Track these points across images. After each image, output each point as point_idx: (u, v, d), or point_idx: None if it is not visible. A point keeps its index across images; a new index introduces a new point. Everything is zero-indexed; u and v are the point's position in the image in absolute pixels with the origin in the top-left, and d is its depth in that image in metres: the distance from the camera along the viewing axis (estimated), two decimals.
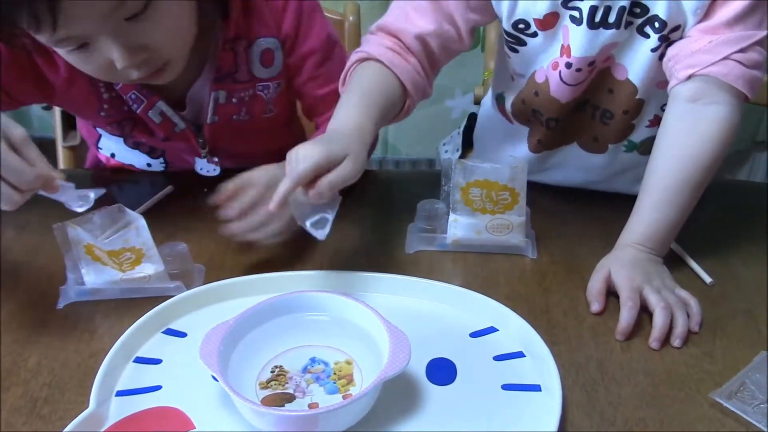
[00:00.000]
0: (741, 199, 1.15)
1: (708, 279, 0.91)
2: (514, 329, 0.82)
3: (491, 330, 0.83)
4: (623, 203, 0.95)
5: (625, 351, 0.81)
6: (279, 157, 1.22)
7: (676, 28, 0.93)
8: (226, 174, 1.16)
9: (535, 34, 1.00)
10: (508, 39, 1.03)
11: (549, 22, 0.97)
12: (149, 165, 1.20)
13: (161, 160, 1.19)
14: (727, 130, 0.89)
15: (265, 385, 0.73)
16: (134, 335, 0.80)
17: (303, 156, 0.79)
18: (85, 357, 0.79)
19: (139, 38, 0.88)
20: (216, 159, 1.16)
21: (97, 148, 1.22)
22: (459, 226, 0.95)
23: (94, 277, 0.86)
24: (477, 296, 0.85)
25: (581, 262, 0.94)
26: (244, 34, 1.04)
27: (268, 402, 0.71)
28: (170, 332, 0.83)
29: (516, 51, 1.04)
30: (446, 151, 1.45)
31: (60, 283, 0.88)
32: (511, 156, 0.97)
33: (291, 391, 0.73)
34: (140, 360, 0.79)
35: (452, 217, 0.95)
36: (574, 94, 1.01)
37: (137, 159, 1.19)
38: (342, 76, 1.00)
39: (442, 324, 0.84)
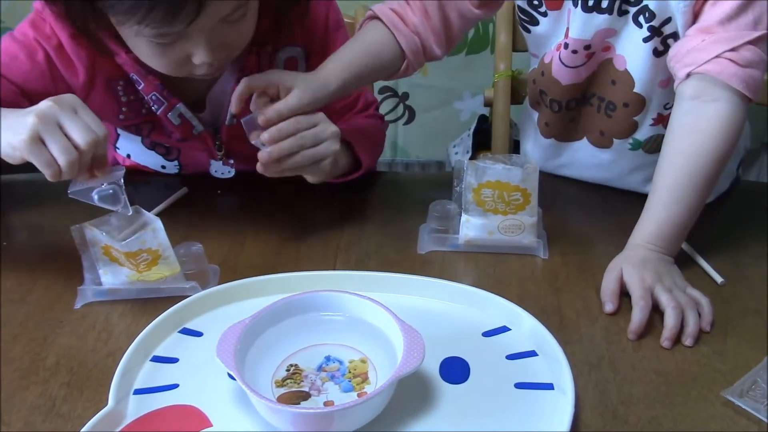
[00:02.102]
0: (751, 200, 1.15)
1: (719, 279, 0.92)
2: (527, 328, 0.82)
3: (504, 329, 0.83)
4: (634, 203, 0.95)
5: (636, 350, 0.81)
6: None
7: (667, 21, 0.95)
8: (240, 176, 1.18)
9: (545, 14, 1.04)
10: (522, 17, 1.08)
11: (557, 2, 1.01)
12: (163, 167, 1.21)
13: (176, 162, 1.20)
14: (730, 126, 0.90)
15: (281, 384, 0.74)
16: (151, 335, 0.81)
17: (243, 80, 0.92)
18: (103, 356, 0.80)
19: (224, 37, 0.91)
20: (231, 161, 1.17)
21: (115, 148, 1.24)
22: (471, 227, 0.96)
23: (111, 278, 0.88)
24: (489, 296, 0.86)
25: (593, 262, 0.95)
26: (271, 39, 1.05)
27: (283, 400, 0.72)
28: (186, 331, 0.83)
29: (528, 31, 1.09)
30: (456, 153, 1.46)
31: (77, 283, 0.89)
32: (522, 156, 0.98)
33: (306, 389, 0.74)
34: (157, 359, 0.80)
35: (464, 217, 0.96)
36: (574, 78, 1.04)
37: (152, 160, 1.21)
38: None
39: (455, 323, 0.84)
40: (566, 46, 1.01)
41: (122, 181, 0.83)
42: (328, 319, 0.80)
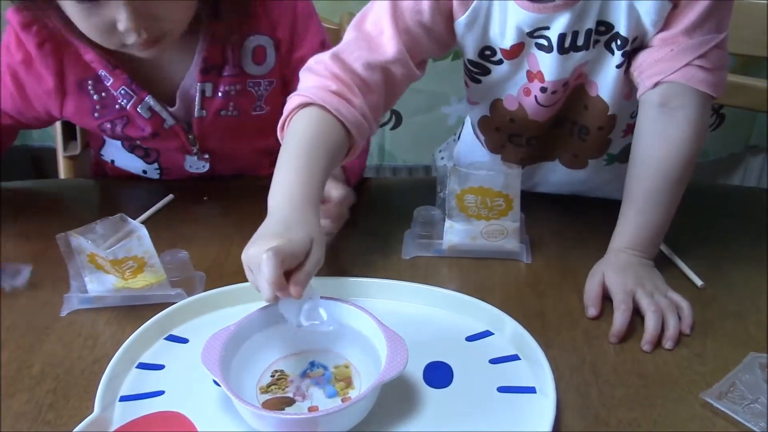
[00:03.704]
0: (731, 203, 1.17)
1: (699, 282, 0.93)
2: (509, 333, 0.83)
3: (487, 334, 0.84)
4: (616, 208, 0.96)
5: (618, 353, 0.82)
6: (268, 156, 1.22)
7: (634, 41, 0.94)
8: (216, 173, 1.18)
9: (500, 62, 1.00)
10: (473, 70, 1.03)
11: (515, 51, 0.98)
12: (144, 171, 1.22)
13: (156, 165, 1.21)
14: (698, 130, 0.92)
15: (266, 390, 0.75)
16: (137, 342, 0.81)
17: (267, 260, 0.72)
18: (89, 363, 0.81)
19: (152, 7, 0.92)
20: (207, 156, 1.18)
21: (100, 155, 1.24)
22: (455, 232, 0.97)
23: (96, 285, 0.88)
24: (473, 301, 0.87)
25: (575, 266, 0.96)
26: (235, 29, 1.06)
27: (268, 406, 0.73)
28: (172, 338, 0.84)
29: (479, 81, 1.04)
30: (442, 158, 1.46)
31: (63, 291, 0.90)
32: (505, 163, 0.99)
33: (291, 395, 0.74)
34: (143, 366, 0.80)
35: (448, 223, 0.96)
36: (553, 111, 1.03)
37: (134, 164, 1.22)
38: (282, 121, 0.93)
39: (439, 328, 0.85)
40: (543, 90, 0.99)
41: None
42: (315, 324, 0.80)
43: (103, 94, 1.08)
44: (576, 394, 0.76)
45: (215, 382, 0.71)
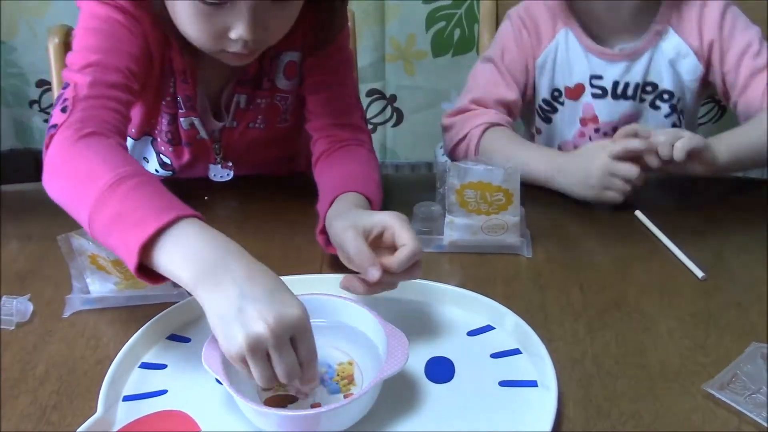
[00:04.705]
0: (732, 193, 1.17)
1: (700, 273, 0.93)
2: (511, 327, 0.83)
3: (488, 328, 0.84)
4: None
5: (619, 345, 0.82)
6: (283, 163, 1.25)
7: (680, 99, 1.25)
8: (226, 181, 1.19)
9: (563, 103, 1.27)
10: (545, 108, 1.30)
11: (576, 92, 1.26)
12: (156, 171, 1.22)
13: (171, 172, 1.22)
14: None
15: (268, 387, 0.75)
16: (139, 342, 0.81)
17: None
18: (92, 364, 0.81)
19: (267, 19, 0.92)
20: (230, 164, 1.18)
21: None
22: (455, 228, 0.97)
23: (99, 286, 0.88)
24: (474, 296, 0.87)
25: (576, 259, 0.96)
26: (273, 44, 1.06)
27: (271, 403, 0.73)
28: (174, 338, 0.84)
29: (550, 121, 1.31)
30: (443, 154, 1.47)
31: (65, 292, 0.90)
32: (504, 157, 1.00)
33: (293, 392, 0.74)
34: (146, 365, 0.80)
35: (448, 218, 0.97)
36: None
37: (151, 166, 1.22)
38: (466, 135, 1.21)
39: (440, 323, 0.85)
40: (597, 130, 1.27)
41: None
42: (315, 323, 0.80)
43: (171, 90, 1.08)
44: (578, 387, 0.76)
45: (218, 380, 0.71)
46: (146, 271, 0.74)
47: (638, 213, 1.05)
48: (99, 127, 0.88)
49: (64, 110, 0.89)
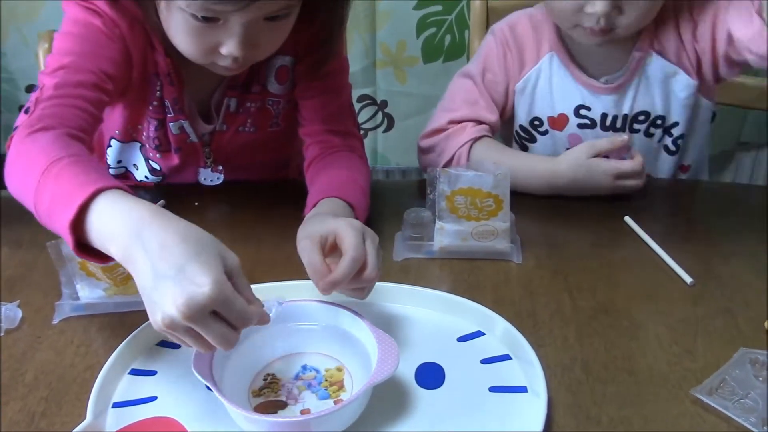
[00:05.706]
0: (721, 200, 1.18)
1: (688, 279, 0.93)
2: (501, 333, 0.83)
3: (478, 334, 0.85)
4: (606, 207, 0.97)
5: (609, 351, 0.82)
6: (275, 169, 1.24)
7: (674, 125, 1.20)
8: (217, 187, 1.19)
9: (545, 132, 1.23)
10: (522, 135, 1.26)
11: (560, 122, 1.21)
12: (146, 177, 1.22)
13: (161, 178, 1.21)
14: None
15: (258, 393, 0.75)
16: (129, 348, 0.81)
17: None
18: (81, 370, 0.81)
19: (259, 36, 0.92)
20: (221, 168, 1.18)
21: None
22: (445, 234, 0.97)
23: (88, 292, 0.88)
24: (464, 301, 0.87)
25: (566, 265, 0.97)
26: None
27: (261, 409, 0.73)
28: (164, 344, 0.84)
29: (526, 149, 1.27)
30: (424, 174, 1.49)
31: (55, 298, 0.90)
32: (494, 164, 1.00)
33: (283, 398, 0.75)
34: (135, 372, 0.80)
35: (438, 224, 0.97)
36: None
37: (140, 172, 1.22)
38: (453, 155, 1.18)
39: (431, 329, 0.85)
40: None
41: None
42: (305, 328, 0.81)
43: (158, 94, 1.08)
44: (567, 393, 0.76)
45: (208, 387, 0.71)
46: (93, 251, 0.74)
47: (627, 219, 1.06)
48: (52, 122, 0.89)
49: (26, 111, 0.91)
